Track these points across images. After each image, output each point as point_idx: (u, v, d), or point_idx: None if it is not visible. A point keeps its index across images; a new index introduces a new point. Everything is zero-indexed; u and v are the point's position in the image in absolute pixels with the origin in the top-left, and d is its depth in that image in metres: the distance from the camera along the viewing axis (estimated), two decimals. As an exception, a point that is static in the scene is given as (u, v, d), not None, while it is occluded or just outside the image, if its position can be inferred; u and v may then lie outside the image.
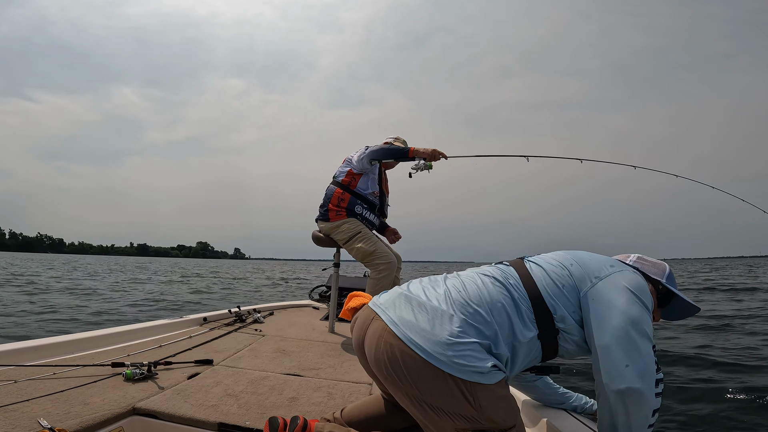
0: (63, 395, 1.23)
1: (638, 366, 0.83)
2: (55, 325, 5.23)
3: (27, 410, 1.10)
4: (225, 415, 1.18)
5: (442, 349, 0.83)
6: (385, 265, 2.32)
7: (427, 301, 0.93)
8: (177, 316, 2.57)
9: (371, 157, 2.44)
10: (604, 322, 0.89)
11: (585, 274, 0.97)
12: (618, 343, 0.86)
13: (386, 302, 0.99)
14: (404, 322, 0.90)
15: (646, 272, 1.05)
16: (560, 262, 1.01)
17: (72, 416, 1.08)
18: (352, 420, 1.10)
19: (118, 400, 1.22)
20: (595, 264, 1.00)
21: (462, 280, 1.00)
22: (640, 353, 0.84)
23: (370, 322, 0.97)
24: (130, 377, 1.41)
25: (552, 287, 0.96)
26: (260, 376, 1.57)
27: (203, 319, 2.58)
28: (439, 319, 0.88)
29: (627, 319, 0.87)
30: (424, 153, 2.31)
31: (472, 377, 0.82)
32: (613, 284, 0.94)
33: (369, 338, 0.95)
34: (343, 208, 2.44)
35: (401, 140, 2.65)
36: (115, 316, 6.19)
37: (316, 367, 1.77)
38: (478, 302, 0.92)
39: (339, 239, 2.47)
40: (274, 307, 3.37)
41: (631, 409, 0.83)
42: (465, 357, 0.83)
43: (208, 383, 1.45)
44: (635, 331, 0.86)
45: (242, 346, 2.05)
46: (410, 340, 0.86)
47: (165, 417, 1.17)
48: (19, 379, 1.33)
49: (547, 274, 0.99)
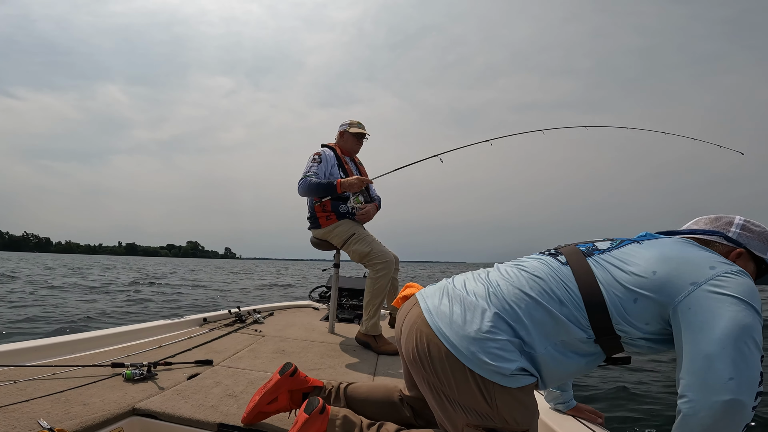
0: (63, 395, 1.23)
1: (744, 378, 0.73)
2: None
3: (27, 410, 1.10)
4: (225, 415, 1.18)
5: (468, 343, 0.82)
6: (382, 264, 2.31)
7: (465, 295, 0.92)
8: (177, 316, 2.57)
9: (299, 192, 2.40)
10: (707, 331, 0.77)
11: (676, 280, 0.81)
12: (724, 353, 0.75)
13: (429, 292, 1.00)
14: (438, 312, 0.90)
15: (751, 248, 0.92)
16: (640, 267, 0.85)
17: (72, 416, 1.08)
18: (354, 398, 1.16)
19: (118, 400, 1.22)
20: (689, 265, 0.83)
21: (505, 275, 0.95)
22: (747, 364, 0.74)
23: (411, 308, 0.99)
24: (130, 378, 1.41)
25: (622, 300, 0.84)
26: (260, 377, 1.57)
27: (203, 319, 2.58)
28: (472, 312, 0.87)
29: (735, 328, 0.76)
30: (350, 185, 2.28)
31: (493, 377, 0.81)
32: (715, 291, 0.79)
33: (406, 324, 0.97)
34: (329, 212, 2.42)
35: (356, 123, 2.58)
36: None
37: (316, 368, 1.77)
38: (517, 300, 0.87)
39: (335, 243, 2.46)
40: (274, 308, 3.37)
41: (728, 422, 0.73)
42: (490, 354, 0.81)
43: (207, 384, 1.44)
44: (744, 341, 0.75)
45: (242, 347, 2.04)
46: (439, 330, 0.86)
47: (165, 417, 1.17)
48: (18, 380, 1.33)
49: (618, 283, 0.85)
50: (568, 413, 1.23)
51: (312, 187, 2.33)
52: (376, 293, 2.30)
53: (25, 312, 5.87)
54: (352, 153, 2.62)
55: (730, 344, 0.75)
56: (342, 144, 2.60)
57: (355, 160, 2.66)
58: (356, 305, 3.52)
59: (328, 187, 2.31)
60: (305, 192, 2.36)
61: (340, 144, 2.61)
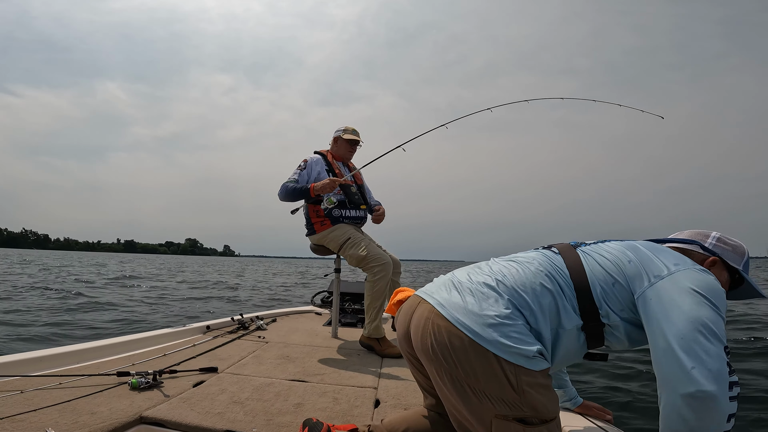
0: (70, 405, 1.23)
1: (706, 367, 0.74)
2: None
3: (35, 420, 1.11)
4: (231, 422, 1.19)
5: (489, 329, 0.83)
6: (380, 267, 2.30)
7: (474, 285, 0.93)
8: (180, 324, 2.57)
9: (279, 197, 2.45)
10: (665, 322, 0.81)
11: (642, 272, 0.89)
12: (682, 343, 0.77)
13: (432, 288, 0.99)
14: (451, 303, 0.90)
15: (725, 258, 0.98)
16: (616, 256, 0.94)
17: (80, 426, 1.08)
18: (393, 429, 1.08)
19: (125, 409, 1.23)
20: (656, 261, 0.90)
21: (507, 265, 0.99)
22: (708, 354, 0.75)
23: (416, 307, 0.97)
24: (136, 386, 1.42)
25: (603, 282, 0.91)
26: (265, 383, 1.58)
27: (206, 327, 2.59)
28: (486, 301, 0.88)
29: (693, 320, 0.78)
30: (323, 188, 2.31)
31: (518, 360, 0.81)
32: (675, 284, 0.85)
33: (415, 322, 0.95)
34: (323, 217, 2.45)
35: (350, 130, 2.62)
36: None
37: (321, 373, 1.78)
38: (524, 287, 0.91)
39: (331, 248, 2.48)
40: (276, 314, 3.38)
41: (702, 414, 0.73)
42: (511, 338, 0.82)
43: (213, 391, 1.45)
44: (702, 332, 0.77)
45: (246, 353, 2.05)
46: (458, 321, 0.86)
47: (172, 425, 1.17)
48: (25, 390, 1.34)
49: (600, 267, 0.93)
50: (576, 411, 1.23)
51: (288, 192, 2.40)
52: (375, 296, 2.30)
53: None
54: (344, 159, 2.65)
55: (688, 335, 0.77)
56: (335, 150, 2.65)
57: (350, 165, 2.68)
58: (359, 309, 3.52)
59: (303, 190, 2.37)
60: (283, 197, 2.43)
61: (333, 149, 2.66)
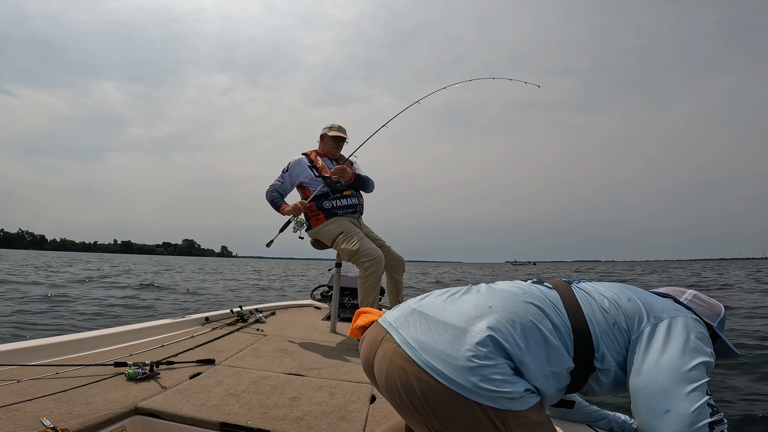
0: (65, 395, 1.23)
1: (681, 410, 0.70)
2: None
3: (30, 410, 1.10)
4: (227, 414, 1.18)
5: (466, 373, 0.70)
6: (370, 262, 2.30)
7: (446, 318, 0.79)
8: (179, 315, 2.57)
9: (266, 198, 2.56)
10: (651, 363, 0.77)
11: (643, 312, 0.85)
12: (661, 385, 0.74)
13: (398, 319, 0.84)
14: (420, 343, 0.76)
15: (699, 314, 0.94)
16: (615, 294, 0.89)
17: (75, 416, 1.08)
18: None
19: (121, 399, 1.22)
20: (655, 303, 0.88)
21: (490, 294, 0.85)
22: (687, 398, 0.71)
23: (379, 342, 0.83)
24: (133, 377, 1.41)
25: (602, 323, 0.84)
26: (262, 376, 1.57)
27: (205, 318, 2.59)
28: (461, 338, 0.74)
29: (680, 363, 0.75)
30: (291, 210, 2.38)
31: (503, 404, 0.70)
32: (675, 327, 0.81)
33: (379, 361, 0.81)
34: (317, 211, 2.48)
35: (336, 127, 2.66)
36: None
37: (318, 367, 1.77)
38: (511, 322, 0.78)
39: (326, 242, 2.50)
40: (275, 307, 3.38)
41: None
42: (493, 381, 0.70)
43: (210, 383, 1.45)
44: (685, 377, 0.74)
45: (244, 346, 2.05)
46: (428, 365, 0.72)
47: (167, 416, 1.17)
48: (21, 379, 1.34)
49: (599, 307, 0.86)
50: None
51: (268, 199, 2.53)
52: (367, 292, 2.31)
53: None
54: (330, 155, 2.67)
55: (668, 376, 0.74)
56: (322, 147, 2.69)
57: (338, 161, 2.67)
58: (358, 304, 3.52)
59: (276, 207, 2.48)
60: (268, 201, 2.53)
61: (320, 147, 2.70)
